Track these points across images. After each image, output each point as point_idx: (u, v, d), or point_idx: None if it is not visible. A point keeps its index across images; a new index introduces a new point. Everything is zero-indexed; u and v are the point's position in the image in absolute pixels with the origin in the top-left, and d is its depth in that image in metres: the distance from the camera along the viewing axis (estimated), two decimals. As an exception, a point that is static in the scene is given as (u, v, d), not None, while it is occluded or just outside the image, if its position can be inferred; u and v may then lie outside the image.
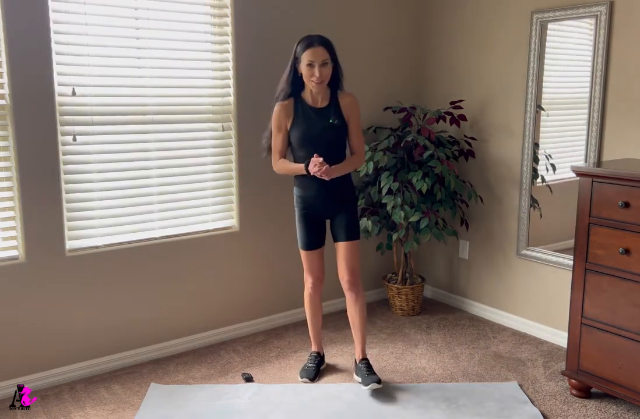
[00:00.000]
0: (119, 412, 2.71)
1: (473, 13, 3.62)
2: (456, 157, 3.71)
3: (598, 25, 3.00)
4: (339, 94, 2.82)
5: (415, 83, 4.01)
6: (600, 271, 2.65)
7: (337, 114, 2.79)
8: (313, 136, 2.77)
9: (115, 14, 2.91)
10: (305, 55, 2.66)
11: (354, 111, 2.83)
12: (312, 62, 2.65)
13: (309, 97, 2.80)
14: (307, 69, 2.68)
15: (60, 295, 2.93)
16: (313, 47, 2.65)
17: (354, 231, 2.89)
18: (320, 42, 2.67)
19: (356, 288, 2.92)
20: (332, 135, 2.80)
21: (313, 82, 2.69)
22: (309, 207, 2.87)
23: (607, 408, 2.72)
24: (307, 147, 2.79)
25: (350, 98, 2.83)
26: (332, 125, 2.77)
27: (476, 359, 3.21)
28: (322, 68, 2.67)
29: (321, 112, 2.80)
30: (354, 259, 2.89)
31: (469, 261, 3.88)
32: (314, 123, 2.78)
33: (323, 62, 2.66)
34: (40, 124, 2.77)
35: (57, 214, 2.87)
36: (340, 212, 2.88)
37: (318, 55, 2.65)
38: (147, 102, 3.05)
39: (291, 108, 2.80)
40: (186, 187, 3.25)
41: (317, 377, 2.99)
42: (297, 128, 2.79)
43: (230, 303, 3.48)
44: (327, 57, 2.68)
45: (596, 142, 3.08)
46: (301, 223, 2.91)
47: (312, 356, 3.09)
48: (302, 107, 2.80)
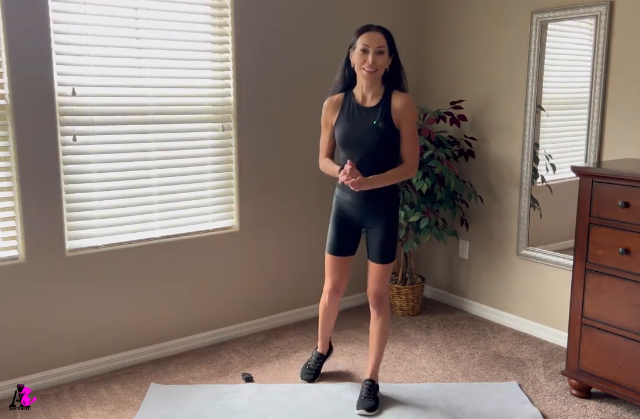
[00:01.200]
0: (119, 412, 2.71)
1: (473, 13, 3.62)
2: (456, 157, 3.71)
3: (598, 25, 3.00)
4: (393, 94, 2.52)
5: (415, 83, 4.00)
6: (600, 271, 2.64)
7: (385, 116, 2.49)
8: (354, 137, 2.52)
9: (115, 14, 2.91)
10: (361, 39, 2.42)
11: (407, 115, 2.50)
12: (367, 47, 2.41)
13: (359, 93, 2.55)
14: (360, 55, 2.42)
15: (60, 295, 2.93)
16: (370, 31, 2.42)
17: (387, 252, 2.64)
18: (379, 28, 2.44)
19: (379, 307, 2.74)
20: (375, 139, 2.49)
21: (364, 69, 2.43)
22: (344, 211, 2.67)
23: (607, 408, 2.72)
24: (347, 148, 2.56)
25: (404, 100, 2.51)
26: (376, 127, 2.49)
27: (476, 359, 3.21)
28: (377, 56, 2.41)
29: (367, 112, 2.52)
30: (382, 282, 2.69)
31: (469, 261, 3.88)
32: (357, 123, 2.52)
33: (379, 48, 2.41)
34: (40, 124, 2.77)
35: (57, 214, 2.87)
36: (376, 226, 2.63)
37: (374, 39, 2.41)
38: (147, 102, 3.05)
39: (339, 104, 2.58)
40: (186, 187, 3.25)
41: (316, 379, 2.96)
42: (340, 126, 2.57)
43: (230, 303, 3.48)
44: (384, 45, 2.42)
45: (596, 142, 3.08)
46: (333, 225, 2.71)
47: (315, 357, 3.02)
48: (349, 104, 2.56)
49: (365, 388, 2.73)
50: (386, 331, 2.79)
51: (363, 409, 2.64)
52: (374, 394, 2.71)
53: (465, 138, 3.71)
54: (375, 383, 2.77)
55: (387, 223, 2.63)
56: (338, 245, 2.72)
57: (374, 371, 2.79)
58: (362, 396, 2.70)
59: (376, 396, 2.72)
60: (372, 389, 2.73)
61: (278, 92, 3.45)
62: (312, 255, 3.73)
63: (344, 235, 2.71)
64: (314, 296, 3.80)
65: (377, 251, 2.65)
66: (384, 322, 2.77)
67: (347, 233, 2.71)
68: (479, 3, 3.58)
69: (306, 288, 3.75)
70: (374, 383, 2.77)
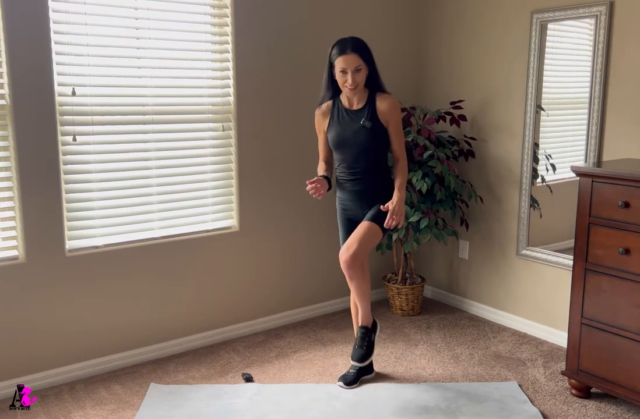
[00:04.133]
0: (119, 412, 2.71)
1: (473, 13, 3.62)
2: (456, 157, 3.71)
3: (598, 25, 3.00)
4: (377, 96, 2.73)
5: (415, 83, 4.01)
6: (600, 271, 2.64)
7: (371, 116, 2.70)
8: (345, 138, 2.74)
9: (115, 14, 2.91)
10: (338, 62, 2.63)
11: (392, 114, 2.72)
12: (345, 69, 2.62)
13: (345, 98, 2.77)
14: (340, 76, 2.65)
15: (60, 295, 2.93)
16: (345, 54, 2.61)
17: (379, 216, 2.71)
18: (352, 48, 2.62)
19: (351, 270, 2.68)
20: (365, 138, 2.71)
21: (347, 88, 2.66)
22: (346, 208, 2.87)
23: (607, 408, 2.72)
24: (341, 149, 2.77)
25: (388, 101, 2.72)
26: (364, 127, 2.70)
27: (476, 359, 3.21)
28: (355, 74, 2.62)
29: (355, 114, 2.74)
30: (361, 242, 2.67)
31: (469, 261, 3.88)
32: (347, 125, 2.74)
33: (356, 68, 2.62)
34: (40, 124, 2.77)
35: (57, 214, 2.87)
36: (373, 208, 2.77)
37: (350, 62, 2.61)
38: (147, 102, 3.05)
39: (328, 111, 2.80)
40: (186, 187, 3.25)
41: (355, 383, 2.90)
42: (332, 130, 2.78)
43: (230, 303, 3.48)
44: (361, 63, 2.63)
45: (596, 142, 3.08)
46: (340, 224, 2.92)
47: None
48: (337, 109, 2.78)
49: (359, 336, 2.82)
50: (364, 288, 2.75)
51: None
52: (368, 341, 2.80)
53: (465, 138, 3.71)
54: (369, 327, 2.84)
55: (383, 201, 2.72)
56: None
57: (363, 317, 2.84)
58: (356, 344, 2.80)
59: (370, 342, 2.81)
60: (365, 336, 2.81)
61: (278, 92, 3.45)
62: (312, 254, 3.74)
63: (352, 229, 2.82)
64: (314, 296, 3.80)
65: (370, 213, 2.75)
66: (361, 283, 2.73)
67: (354, 227, 2.81)
68: (479, 3, 3.58)
69: (306, 288, 3.76)
70: (367, 328, 2.83)
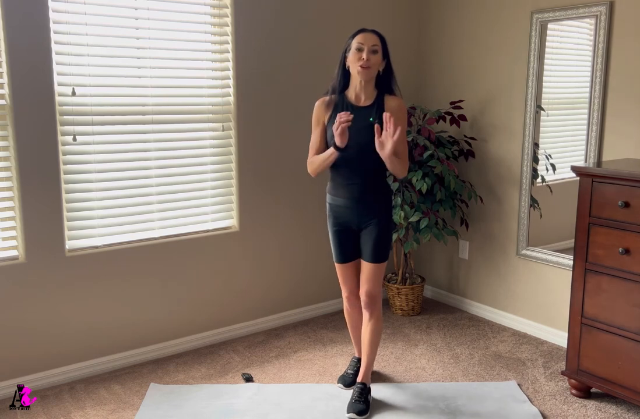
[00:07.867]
0: (119, 412, 2.71)
1: (473, 13, 3.62)
2: (456, 157, 3.71)
3: (598, 25, 3.00)
4: (385, 97, 2.61)
5: (415, 84, 4.01)
6: (600, 271, 2.64)
7: (379, 115, 2.55)
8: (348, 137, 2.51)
9: (115, 14, 2.91)
10: (356, 39, 2.52)
11: (399, 117, 2.57)
12: (361, 45, 2.49)
13: (353, 93, 2.61)
14: (355, 53, 2.51)
15: (60, 295, 2.93)
16: (365, 32, 2.53)
17: (380, 251, 2.65)
18: (373, 30, 2.55)
19: (371, 307, 2.70)
20: (369, 137, 2.49)
21: (359, 66, 2.49)
22: (339, 216, 2.67)
23: (607, 408, 2.72)
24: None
25: (398, 102, 2.61)
26: (371, 125, 2.50)
27: (476, 359, 3.21)
28: (371, 54, 2.49)
29: (361, 111, 2.58)
30: (375, 282, 2.67)
31: (469, 261, 3.88)
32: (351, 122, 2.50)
33: (373, 47, 2.50)
34: (40, 124, 2.77)
35: (57, 214, 2.87)
36: (370, 225, 2.64)
37: (368, 38, 2.50)
38: (147, 102, 3.05)
39: (332, 103, 2.63)
40: (186, 187, 3.25)
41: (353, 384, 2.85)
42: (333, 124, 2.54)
43: (230, 303, 3.48)
44: (378, 45, 2.52)
45: (596, 142, 3.08)
46: (332, 235, 2.72)
47: (353, 362, 3.00)
48: (342, 103, 2.61)
49: (357, 392, 2.71)
50: (379, 332, 2.76)
51: (353, 412, 2.61)
52: (365, 398, 2.69)
53: (465, 138, 3.71)
54: (367, 386, 2.75)
55: (381, 223, 2.64)
56: (343, 252, 2.73)
57: (366, 374, 2.77)
58: (353, 399, 2.68)
59: (367, 400, 2.69)
60: (364, 393, 2.71)
61: (278, 92, 3.45)
62: (312, 255, 3.74)
63: (346, 241, 2.71)
64: (313, 296, 3.81)
65: (371, 251, 2.65)
66: (376, 323, 2.74)
67: (348, 238, 2.71)
68: (479, 3, 3.58)
69: (306, 288, 3.76)
70: (366, 386, 2.75)
